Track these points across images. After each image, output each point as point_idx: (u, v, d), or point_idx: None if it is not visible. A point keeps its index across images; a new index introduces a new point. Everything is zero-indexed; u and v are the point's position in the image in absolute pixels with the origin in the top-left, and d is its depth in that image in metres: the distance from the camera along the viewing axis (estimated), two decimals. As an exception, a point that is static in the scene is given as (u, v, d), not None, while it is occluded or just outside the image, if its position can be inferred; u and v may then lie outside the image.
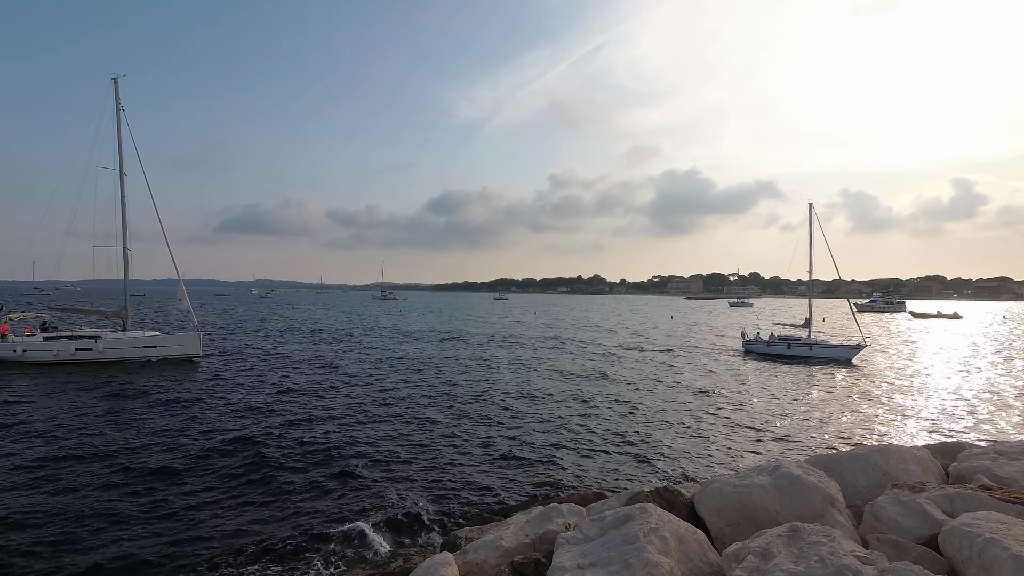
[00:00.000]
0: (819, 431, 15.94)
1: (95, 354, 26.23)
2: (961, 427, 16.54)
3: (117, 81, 28.00)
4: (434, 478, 11.60)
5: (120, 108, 27.81)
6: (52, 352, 25.77)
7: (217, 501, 10.20)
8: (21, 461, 12.06)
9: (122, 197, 27.81)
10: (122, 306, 28.67)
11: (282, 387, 21.08)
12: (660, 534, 4.58)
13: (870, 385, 23.88)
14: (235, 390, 20.43)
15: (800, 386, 23.56)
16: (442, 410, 17.93)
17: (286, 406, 17.83)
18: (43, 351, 25.81)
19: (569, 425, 16.24)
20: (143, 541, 8.56)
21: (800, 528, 4.31)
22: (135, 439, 13.93)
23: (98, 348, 26.28)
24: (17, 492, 10.42)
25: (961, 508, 4.91)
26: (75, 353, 25.98)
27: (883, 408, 19.15)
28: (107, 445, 13.35)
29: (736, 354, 35.03)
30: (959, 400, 20.60)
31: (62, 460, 12.19)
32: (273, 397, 19.24)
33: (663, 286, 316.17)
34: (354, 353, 32.73)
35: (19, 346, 25.65)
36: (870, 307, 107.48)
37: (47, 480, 11.07)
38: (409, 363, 28.79)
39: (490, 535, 6.50)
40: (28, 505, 9.80)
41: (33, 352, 25.72)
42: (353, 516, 9.59)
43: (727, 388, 22.69)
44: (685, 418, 17.34)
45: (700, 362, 31.09)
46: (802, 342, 33.53)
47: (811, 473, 5.62)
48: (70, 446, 13.24)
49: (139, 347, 27.31)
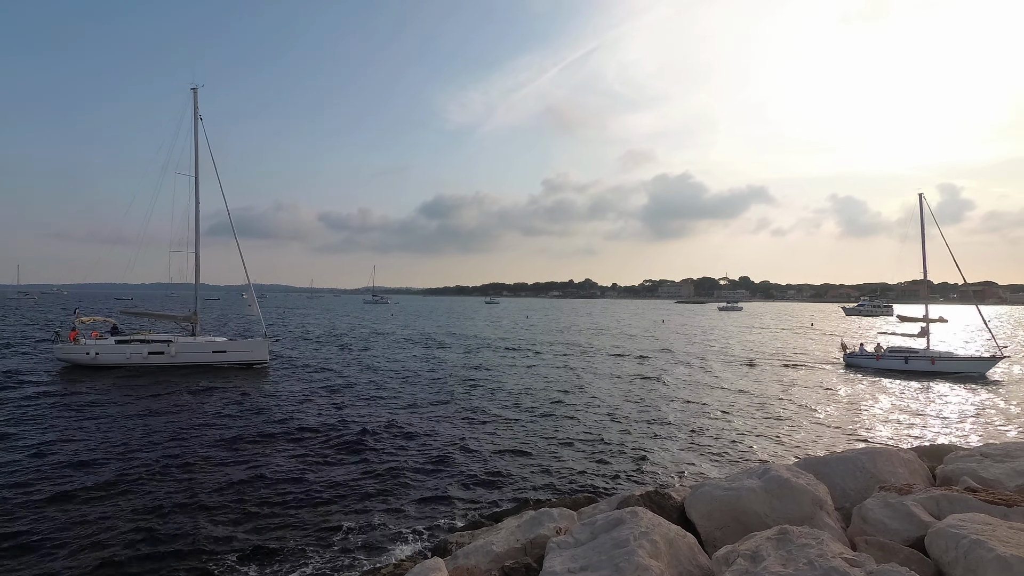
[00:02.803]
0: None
1: (166, 358, 26.01)
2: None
3: (196, 91, 28.42)
4: (424, 483, 11.53)
5: (198, 117, 28.21)
6: (125, 356, 25.61)
7: (214, 503, 10.08)
8: (101, 458, 12.02)
9: (197, 203, 27.95)
10: (193, 311, 28.44)
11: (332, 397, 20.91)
12: (650, 538, 4.58)
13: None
14: (301, 397, 20.46)
15: (947, 404, 20.28)
16: (433, 414, 17.82)
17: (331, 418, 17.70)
18: (115, 355, 25.62)
19: (560, 430, 16.21)
20: (125, 539, 8.45)
21: (789, 531, 4.33)
22: (212, 442, 14.11)
23: (170, 352, 26.08)
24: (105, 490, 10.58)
25: (947, 510, 4.96)
26: (147, 357, 25.80)
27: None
28: (188, 450, 13.44)
29: (835, 369, 30.00)
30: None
31: (140, 461, 12.17)
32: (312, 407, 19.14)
33: (654, 290, 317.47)
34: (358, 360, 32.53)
35: (92, 349, 25.45)
36: (858, 311, 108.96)
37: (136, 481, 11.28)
38: (399, 367, 28.67)
39: (481, 540, 6.47)
40: (116, 502, 9.89)
41: (105, 355, 25.49)
42: (343, 522, 9.51)
43: (867, 413, 18.84)
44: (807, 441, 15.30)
45: (803, 378, 26.46)
46: (921, 354, 28.73)
47: (800, 476, 5.66)
48: (155, 448, 13.39)
49: (209, 352, 27.12)
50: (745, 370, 29.55)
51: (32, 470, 11.66)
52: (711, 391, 22.85)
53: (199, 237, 28.10)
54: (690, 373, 28.17)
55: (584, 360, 33.37)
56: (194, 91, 28.46)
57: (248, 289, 28.94)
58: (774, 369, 29.92)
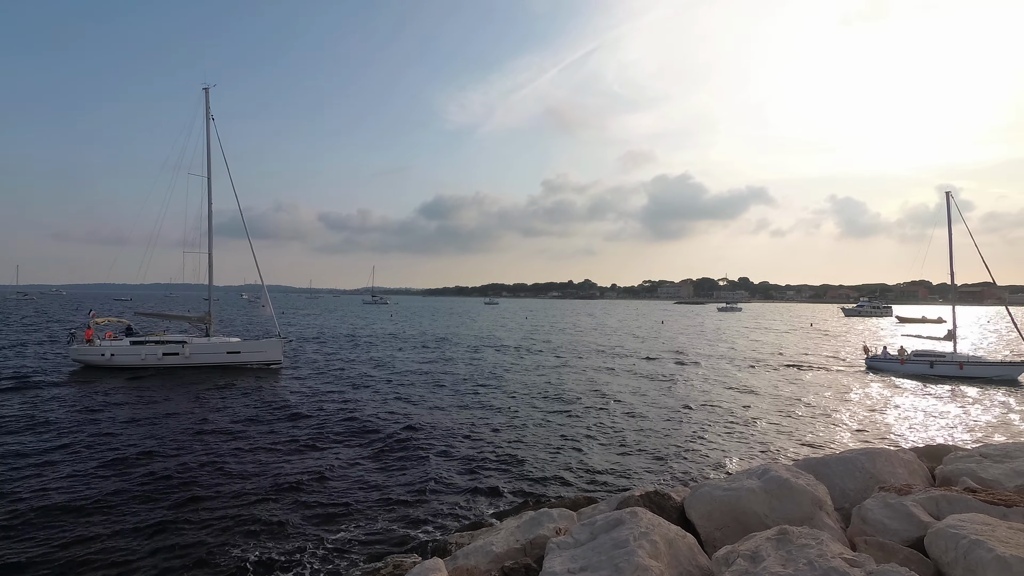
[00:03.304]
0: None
1: (181, 359, 25.94)
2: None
3: (208, 91, 28.36)
4: (423, 483, 11.51)
5: (210, 117, 28.16)
6: (140, 357, 25.55)
7: (217, 504, 10.08)
8: (121, 459, 12.04)
9: (209, 204, 27.93)
10: (207, 311, 28.44)
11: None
12: (650, 538, 4.59)
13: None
14: (315, 396, 20.59)
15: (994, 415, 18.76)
16: (435, 415, 17.82)
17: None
18: (131, 356, 25.56)
19: (561, 430, 16.20)
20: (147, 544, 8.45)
21: (789, 531, 4.33)
22: (222, 443, 14.16)
23: (184, 353, 26.01)
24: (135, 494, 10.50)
25: (947, 510, 4.97)
26: (162, 358, 25.74)
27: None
28: (205, 450, 13.47)
29: (855, 372, 28.84)
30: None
31: (162, 462, 12.12)
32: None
33: (653, 291, 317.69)
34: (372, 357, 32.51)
35: (107, 350, 25.40)
36: (857, 311, 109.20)
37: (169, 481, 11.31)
38: (398, 367, 28.67)
39: (480, 540, 6.47)
40: (138, 503, 9.90)
41: (121, 356, 25.42)
42: (343, 522, 9.51)
43: (897, 419, 18.11)
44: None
45: (825, 382, 25.41)
46: (948, 358, 27.37)
47: (799, 476, 5.66)
48: (176, 449, 13.40)
49: (224, 353, 27.10)
50: (755, 371, 29.44)
51: (51, 470, 11.71)
52: (719, 392, 22.81)
53: (212, 238, 28.15)
54: (695, 373, 28.17)
55: (584, 360, 33.35)
56: (206, 91, 28.40)
57: (262, 290, 28.95)
58: (789, 372, 29.29)
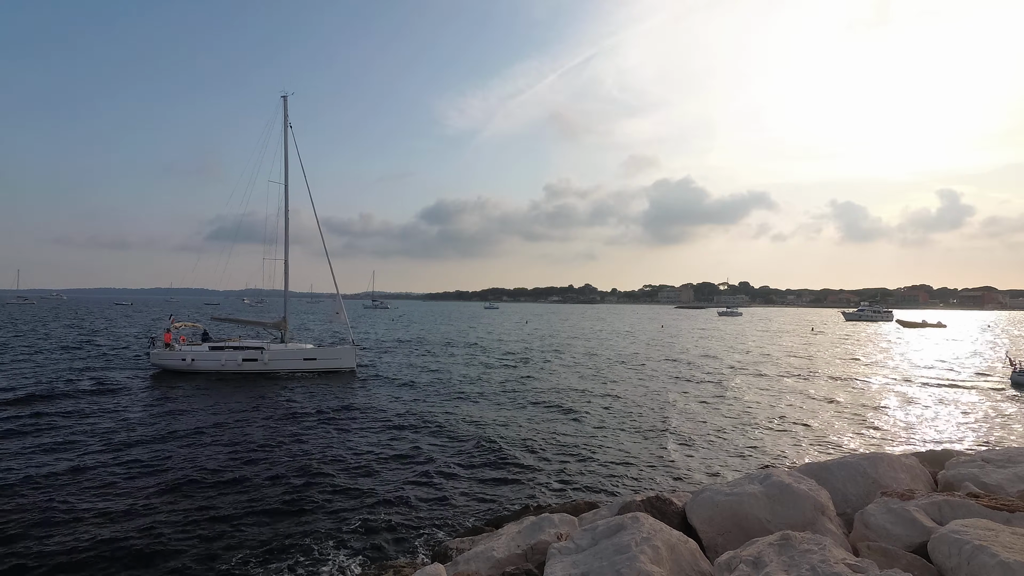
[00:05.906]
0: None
1: (260, 365, 26.14)
2: None
3: (286, 99, 28.59)
4: (424, 488, 11.50)
5: (288, 125, 28.42)
6: (220, 362, 25.74)
7: (210, 508, 10.05)
8: (206, 465, 12.14)
9: (286, 210, 28.27)
10: (282, 317, 28.61)
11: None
12: (652, 543, 4.57)
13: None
14: (389, 402, 20.63)
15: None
16: (432, 418, 17.80)
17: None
18: (211, 361, 25.75)
19: (562, 434, 16.18)
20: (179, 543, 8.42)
21: (791, 536, 4.31)
22: (317, 451, 14.20)
23: (264, 359, 26.21)
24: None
25: (950, 515, 4.94)
26: (241, 364, 25.93)
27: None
28: (293, 457, 13.53)
29: (997, 387, 25.28)
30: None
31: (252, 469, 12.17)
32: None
33: (654, 295, 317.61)
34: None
35: (188, 355, 25.66)
36: (858, 316, 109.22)
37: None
38: (393, 372, 28.64)
39: (481, 546, 6.44)
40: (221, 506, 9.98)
41: (201, 362, 25.64)
42: (341, 528, 9.48)
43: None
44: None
45: (962, 400, 22.13)
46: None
47: (802, 481, 5.64)
48: (267, 456, 13.54)
49: (300, 359, 27.28)
50: (757, 380, 29.42)
51: (148, 473, 12.08)
52: (724, 398, 22.75)
53: (288, 244, 28.61)
54: (700, 378, 28.13)
55: (588, 365, 33.33)
56: (284, 99, 28.65)
57: (336, 299, 29.20)
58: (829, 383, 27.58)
